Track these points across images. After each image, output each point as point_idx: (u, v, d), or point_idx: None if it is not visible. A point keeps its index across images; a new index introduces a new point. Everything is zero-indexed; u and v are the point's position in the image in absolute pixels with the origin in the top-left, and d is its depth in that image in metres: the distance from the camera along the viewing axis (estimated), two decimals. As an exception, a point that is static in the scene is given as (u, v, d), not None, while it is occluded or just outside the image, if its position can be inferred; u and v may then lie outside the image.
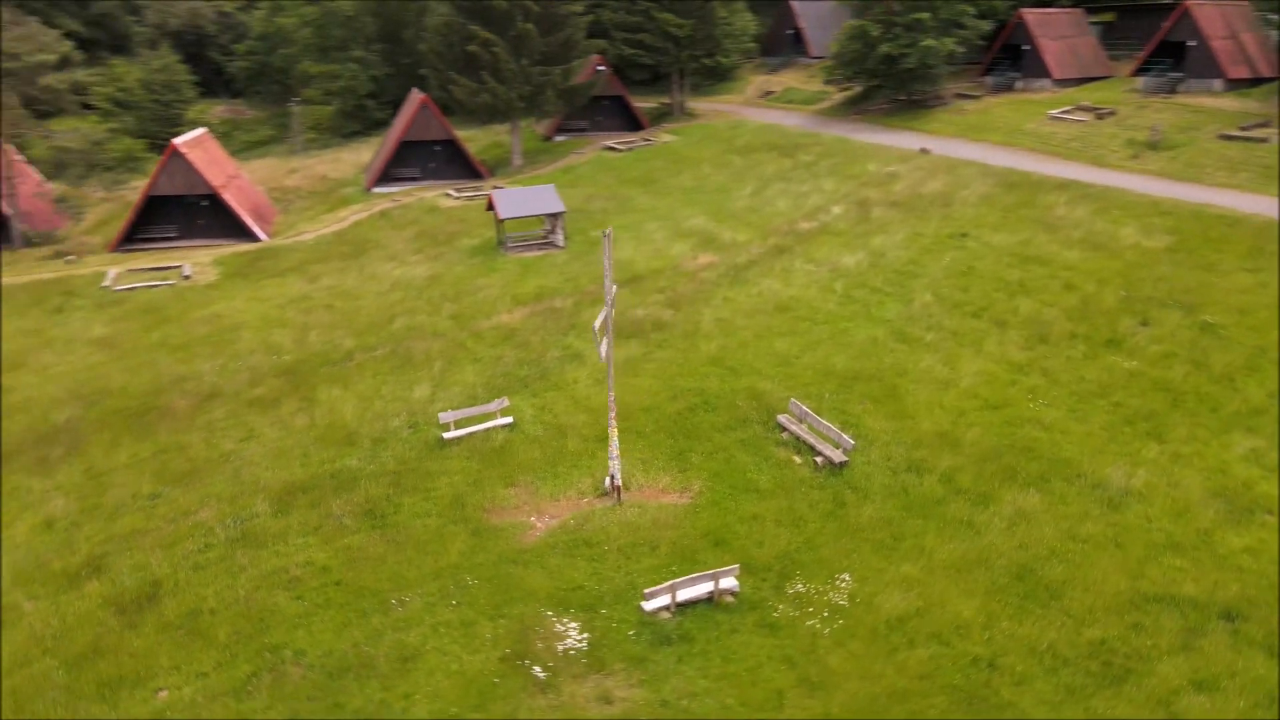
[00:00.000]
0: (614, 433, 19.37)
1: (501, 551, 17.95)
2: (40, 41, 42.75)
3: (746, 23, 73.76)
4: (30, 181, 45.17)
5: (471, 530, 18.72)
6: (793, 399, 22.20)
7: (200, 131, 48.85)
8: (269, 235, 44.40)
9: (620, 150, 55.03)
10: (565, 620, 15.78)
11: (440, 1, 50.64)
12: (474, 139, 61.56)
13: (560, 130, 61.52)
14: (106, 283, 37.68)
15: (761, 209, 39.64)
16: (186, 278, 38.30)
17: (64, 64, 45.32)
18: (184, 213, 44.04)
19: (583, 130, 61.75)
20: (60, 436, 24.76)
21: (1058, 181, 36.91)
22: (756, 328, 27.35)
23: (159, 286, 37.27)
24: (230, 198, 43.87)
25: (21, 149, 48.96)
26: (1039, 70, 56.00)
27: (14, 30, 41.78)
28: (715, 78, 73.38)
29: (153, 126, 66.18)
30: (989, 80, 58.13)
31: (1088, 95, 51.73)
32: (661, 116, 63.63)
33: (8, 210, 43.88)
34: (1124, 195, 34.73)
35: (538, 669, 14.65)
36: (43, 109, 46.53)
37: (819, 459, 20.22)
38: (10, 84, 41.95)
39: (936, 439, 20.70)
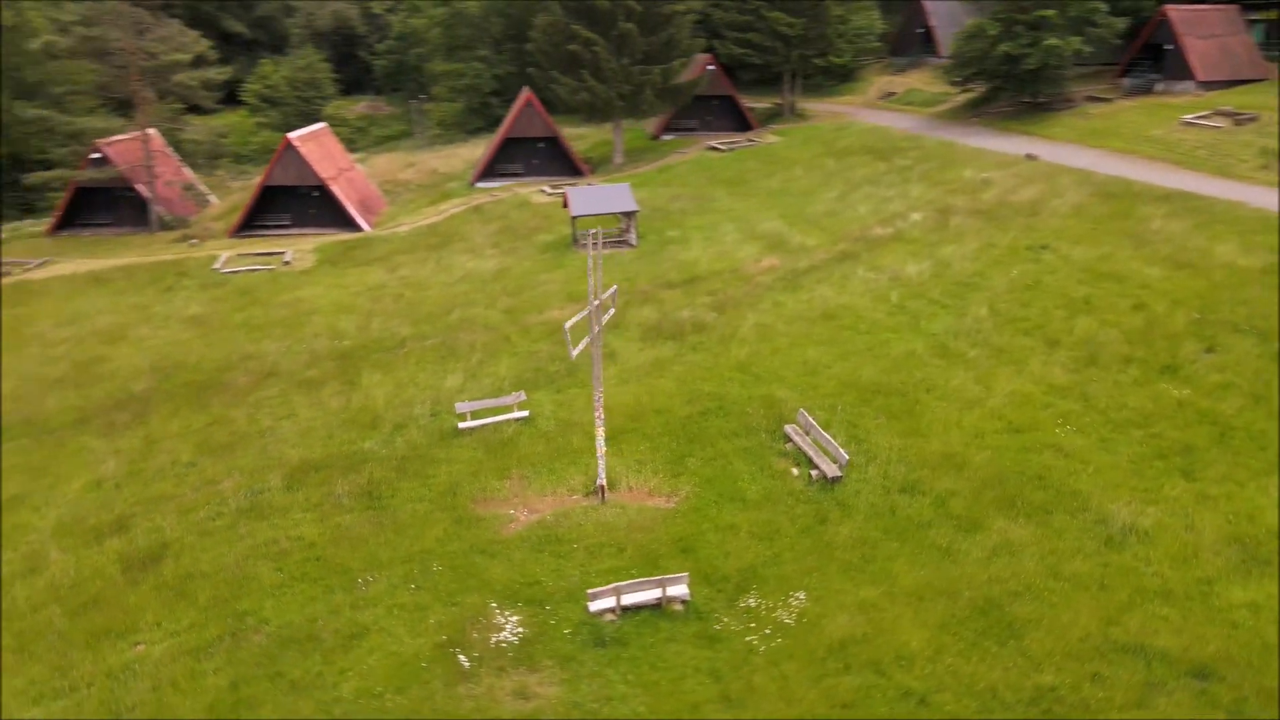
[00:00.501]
0: (600, 432, 19.45)
1: (475, 541, 18.36)
2: (179, 42, 46.50)
3: (872, 20, 71.95)
4: (169, 169, 49.13)
5: (455, 519, 19.23)
6: (801, 409, 21.63)
7: (319, 126, 51.89)
8: (371, 226, 46.67)
9: (722, 150, 54.75)
10: (507, 613, 16.02)
11: (552, 0, 51.67)
12: (584, 136, 62.70)
13: (668, 129, 61.71)
14: (216, 265, 40.61)
15: (841, 213, 38.62)
16: (286, 263, 40.81)
17: (199, 62, 49.09)
18: (297, 202, 46.88)
19: (691, 130, 61.72)
20: (132, 404, 26.98)
21: (1163, 192, 34.25)
22: (794, 335, 26.75)
23: (259, 270, 39.89)
24: (338, 189, 46.41)
25: (179, 145, 53.35)
26: (1181, 72, 52.02)
27: (157, 31, 45.66)
28: (837, 78, 71.91)
29: (295, 121, 70.69)
30: (1125, 82, 54.48)
31: (1233, 99, 47.61)
32: (773, 117, 62.81)
33: (147, 195, 48.00)
34: (1235, 209, 31.87)
35: (464, 658, 14.96)
36: (200, 104, 50.46)
37: (814, 472, 19.65)
38: (150, 80, 45.84)
39: (943, 460, 19.71)
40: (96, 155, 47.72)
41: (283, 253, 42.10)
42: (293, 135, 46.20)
